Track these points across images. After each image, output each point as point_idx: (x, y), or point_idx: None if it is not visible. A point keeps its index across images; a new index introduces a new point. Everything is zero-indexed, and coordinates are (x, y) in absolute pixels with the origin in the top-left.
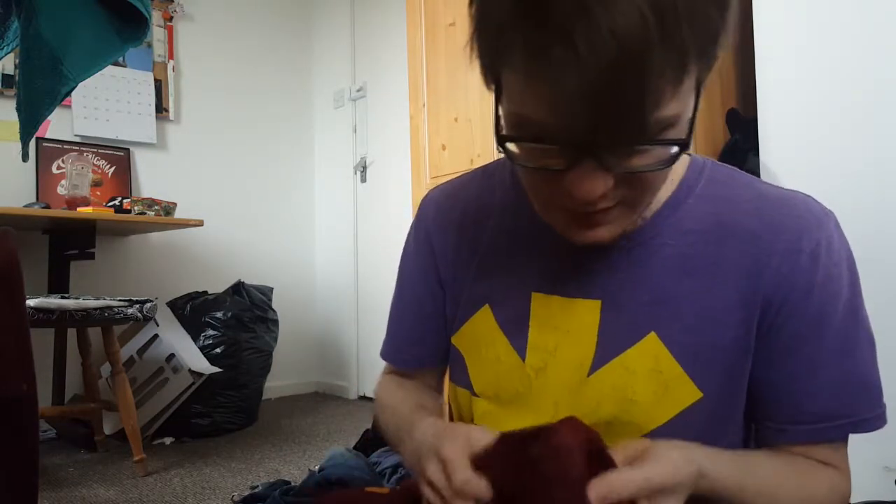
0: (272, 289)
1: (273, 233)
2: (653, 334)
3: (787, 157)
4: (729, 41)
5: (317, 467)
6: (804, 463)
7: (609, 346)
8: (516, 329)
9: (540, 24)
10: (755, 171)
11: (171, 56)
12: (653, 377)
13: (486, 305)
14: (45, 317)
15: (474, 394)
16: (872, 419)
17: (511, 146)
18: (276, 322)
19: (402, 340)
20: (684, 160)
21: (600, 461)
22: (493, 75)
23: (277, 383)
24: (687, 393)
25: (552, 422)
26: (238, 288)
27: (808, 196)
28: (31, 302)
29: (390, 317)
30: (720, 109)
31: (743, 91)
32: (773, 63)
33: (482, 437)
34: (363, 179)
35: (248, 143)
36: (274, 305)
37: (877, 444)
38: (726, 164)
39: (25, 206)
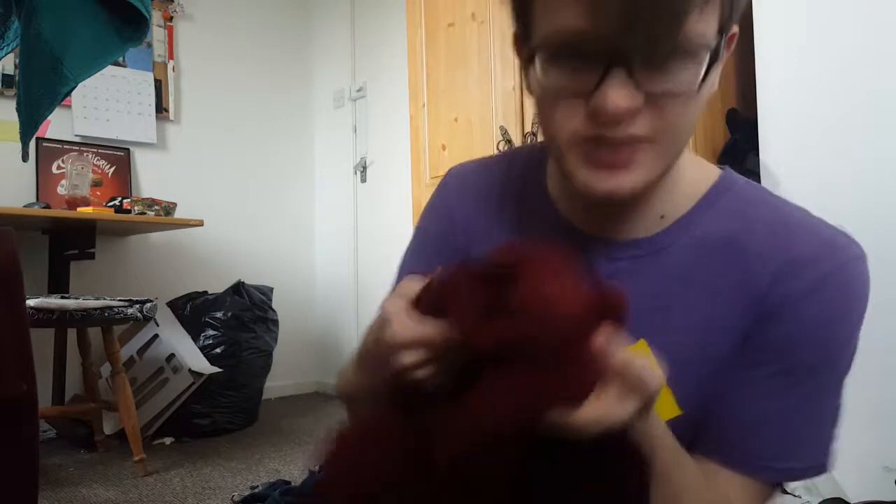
0: (272, 289)
1: (273, 233)
2: (642, 341)
3: (787, 157)
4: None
5: (317, 467)
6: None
7: None
8: None
9: None
10: (755, 172)
11: (171, 56)
12: None
13: None
14: (45, 317)
15: None
16: (804, 470)
17: (536, 63)
18: (276, 322)
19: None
20: (711, 173)
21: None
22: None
23: (277, 383)
24: (667, 408)
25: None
26: (238, 288)
27: (842, 232)
28: (31, 302)
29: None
30: (720, 109)
31: (743, 91)
32: (773, 63)
33: (415, 283)
34: (363, 179)
35: (248, 143)
36: (274, 305)
37: (877, 444)
38: (761, 186)
39: (25, 206)
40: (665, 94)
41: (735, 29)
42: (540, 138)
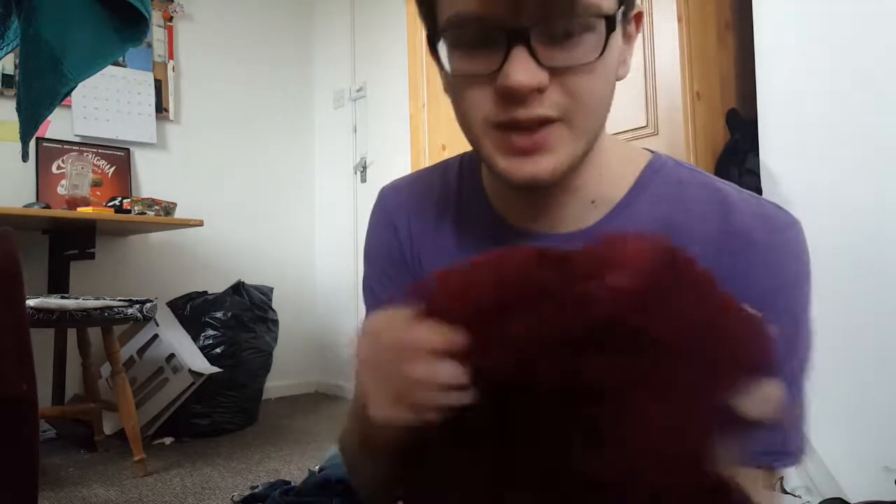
0: (272, 289)
1: (273, 233)
2: None
3: (787, 157)
4: None
5: (317, 467)
6: None
7: None
8: None
9: None
10: (755, 172)
11: (171, 56)
12: None
13: None
14: (45, 317)
15: None
16: (781, 454)
17: (442, 51)
18: (276, 322)
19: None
20: (641, 158)
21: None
22: None
23: (277, 383)
24: None
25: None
26: (238, 288)
27: (774, 204)
28: (31, 302)
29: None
30: (720, 109)
31: (743, 91)
32: (773, 63)
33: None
34: (363, 179)
35: (248, 143)
36: (274, 305)
37: (877, 444)
38: (689, 165)
39: (25, 206)
40: (568, 68)
41: (640, 8)
42: None
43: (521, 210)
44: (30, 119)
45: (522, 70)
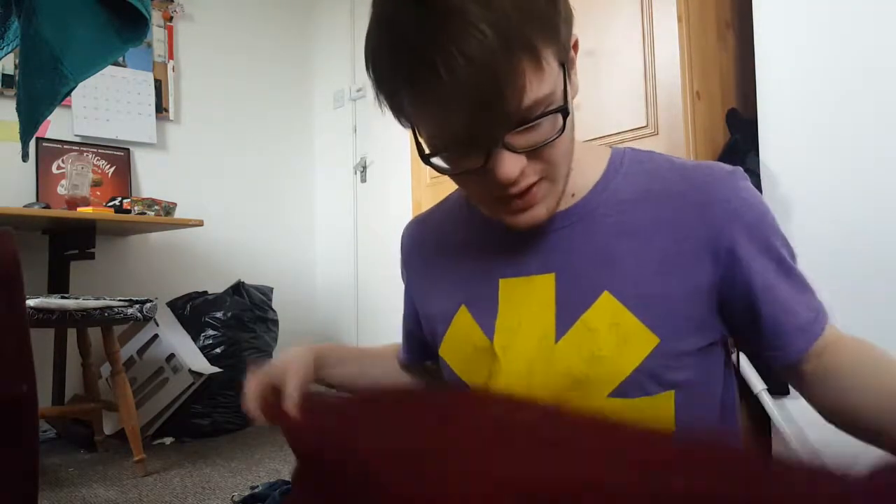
0: (272, 289)
1: (273, 233)
2: (606, 293)
3: (787, 157)
4: (572, 20)
5: None
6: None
7: (569, 311)
8: (488, 316)
9: (413, 64)
10: (755, 171)
11: (171, 56)
12: (613, 330)
13: (463, 306)
14: (45, 317)
15: None
16: (823, 308)
17: (437, 161)
18: (276, 322)
19: (411, 344)
20: (604, 152)
21: None
22: (404, 116)
23: None
24: (645, 340)
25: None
26: (238, 288)
27: (714, 161)
28: (31, 302)
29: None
30: (720, 109)
31: (743, 91)
32: (773, 63)
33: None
34: (363, 179)
35: (248, 143)
36: (274, 305)
37: None
38: (644, 149)
39: (25, 206)
40: (538, 145)
41: (576, 36)
42: None
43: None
44: (30, 119)
45: (506, 165)
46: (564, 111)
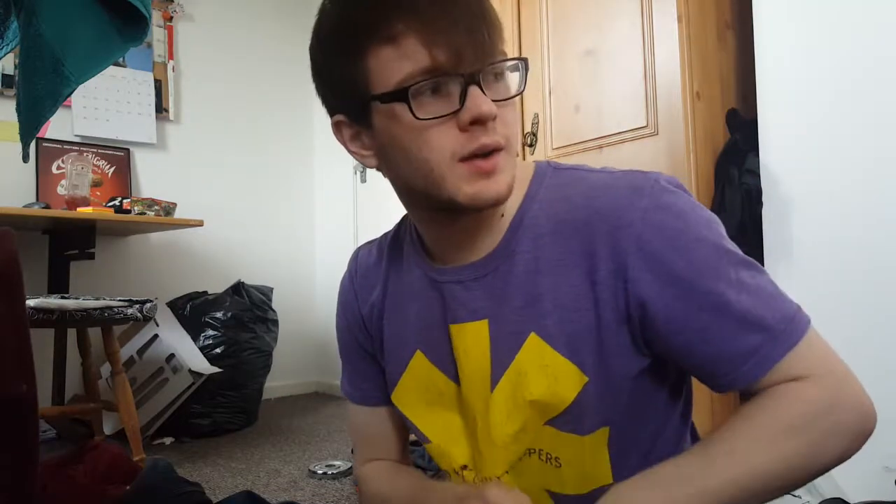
0: (272, 289)
1: (273, 233)
2: (533, 334)
3: (787, 157)
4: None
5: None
6: (754, 407)
7: (502, 357)
8: (447, 361)
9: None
10: (755, 172)
11: (171, 56)
12: (542, 372)
13: (418, 350)
14: (45, 317)
15: (426, 441)
16: (797, 317)
17: (400, 109)
18: (276, 322)
19: (354, 376)
20: (527, 171)
21: None
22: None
23: (277, 383)
24: (575, 379)
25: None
26: (238, 288)
27: (633, 172)
28: (31, 302)
29: (340, 354)
30: (720, 109)
31: (743, 91)
32: (773, 63)
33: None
34: (363, 179)
35: (248, 144)
36: (274, 305)
37: (877, 444)
38: (567, 164)
39: (25, 206)
40: (505, 101)
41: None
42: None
43: (452, 245)
44: (31, 120)
45: (484, 101)
46: (525, 62)
